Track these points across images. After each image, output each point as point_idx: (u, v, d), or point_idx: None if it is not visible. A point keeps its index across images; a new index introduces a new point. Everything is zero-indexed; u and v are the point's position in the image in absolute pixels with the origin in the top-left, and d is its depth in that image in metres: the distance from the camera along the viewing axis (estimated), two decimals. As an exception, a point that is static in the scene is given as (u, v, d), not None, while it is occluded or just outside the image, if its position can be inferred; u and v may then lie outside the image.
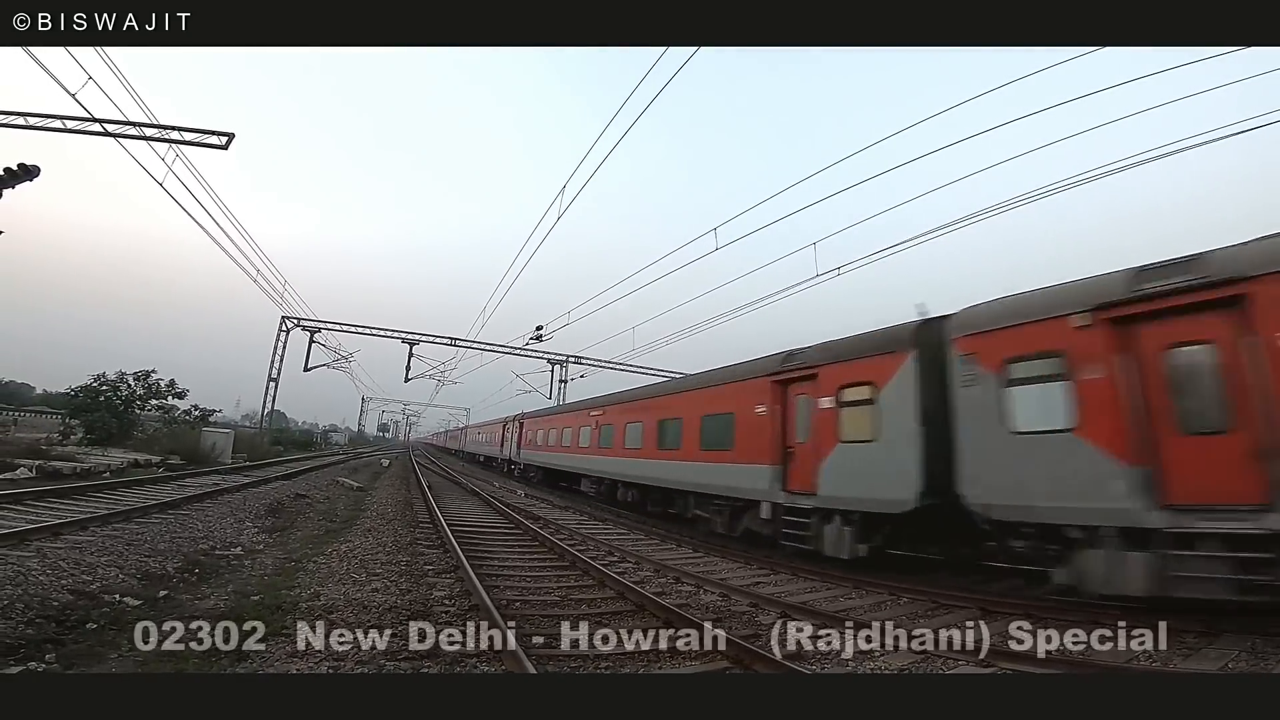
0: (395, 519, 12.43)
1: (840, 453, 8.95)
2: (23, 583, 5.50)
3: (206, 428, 28.32)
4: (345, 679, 3.67)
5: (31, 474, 13.69)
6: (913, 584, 7.76)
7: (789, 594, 7.64)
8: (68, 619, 5.10)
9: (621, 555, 9.86)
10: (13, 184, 11.79)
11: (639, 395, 16.99)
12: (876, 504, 8.30)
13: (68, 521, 8.31)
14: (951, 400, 7.52)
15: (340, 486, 19.65)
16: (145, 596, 6.03)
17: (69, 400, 24.77)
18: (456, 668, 4.43)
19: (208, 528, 9.79)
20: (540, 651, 4.84)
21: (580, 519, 14.80)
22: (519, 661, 4.32)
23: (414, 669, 4.26)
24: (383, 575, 7.25)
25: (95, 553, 7.06)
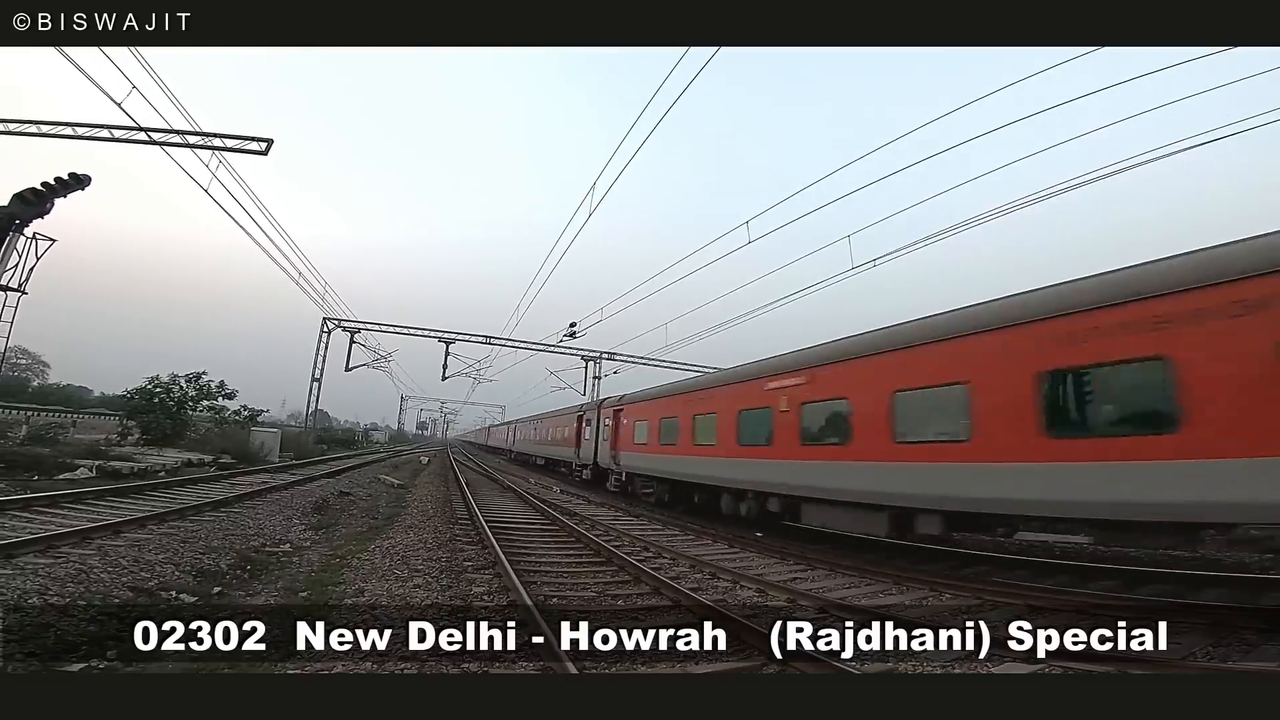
0: (435, 515, 12.69)
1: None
2: (85, 580, 5.78)
3: (255, 427, 29.35)
4: (349, 679, 3.61)
5: (92, 474, 14.36)
6: (956, 579, 7.61)
7: (827, 590, 7.56)
8: (128, 616, 5.34)
9: (657, 551, 9.88)
10: (65, 193, 12.32)
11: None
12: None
13: (127, 520, 8.69)
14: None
15: (382, 484, 20.14)
16: (200, 593, 6.28)
17: (125, 402, 25.91)
18: (496, 664, 4.46)
19: (258, 525, 10.14)
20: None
21: (615, 514, 14.88)
22: (559, 661, 4.32)
23: (452, 667, 4.28)
24: (424, 571, 7.40)
25: (153, 550, 7.36)
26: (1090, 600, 6.55)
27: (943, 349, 7.79)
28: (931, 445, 7.80)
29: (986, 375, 7.19)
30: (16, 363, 50.24)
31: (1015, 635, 4.87)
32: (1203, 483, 5.51)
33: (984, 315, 7.59)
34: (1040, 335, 6.75)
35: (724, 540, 11.31)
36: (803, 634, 5.04)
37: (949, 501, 7.51)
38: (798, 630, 5.07)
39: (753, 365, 12.94)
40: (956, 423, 7.46)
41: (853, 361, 9.44)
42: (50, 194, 12.09)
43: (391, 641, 4.27)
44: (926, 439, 7.88)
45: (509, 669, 4.44)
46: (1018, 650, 5.00)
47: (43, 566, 5.96)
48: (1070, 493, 6.36)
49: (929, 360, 7.91)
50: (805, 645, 4.90)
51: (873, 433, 8.69)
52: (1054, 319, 6.66)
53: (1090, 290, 6.56)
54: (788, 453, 10.77)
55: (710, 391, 14.40)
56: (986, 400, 7.14)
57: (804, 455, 10.38)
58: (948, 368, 7.64)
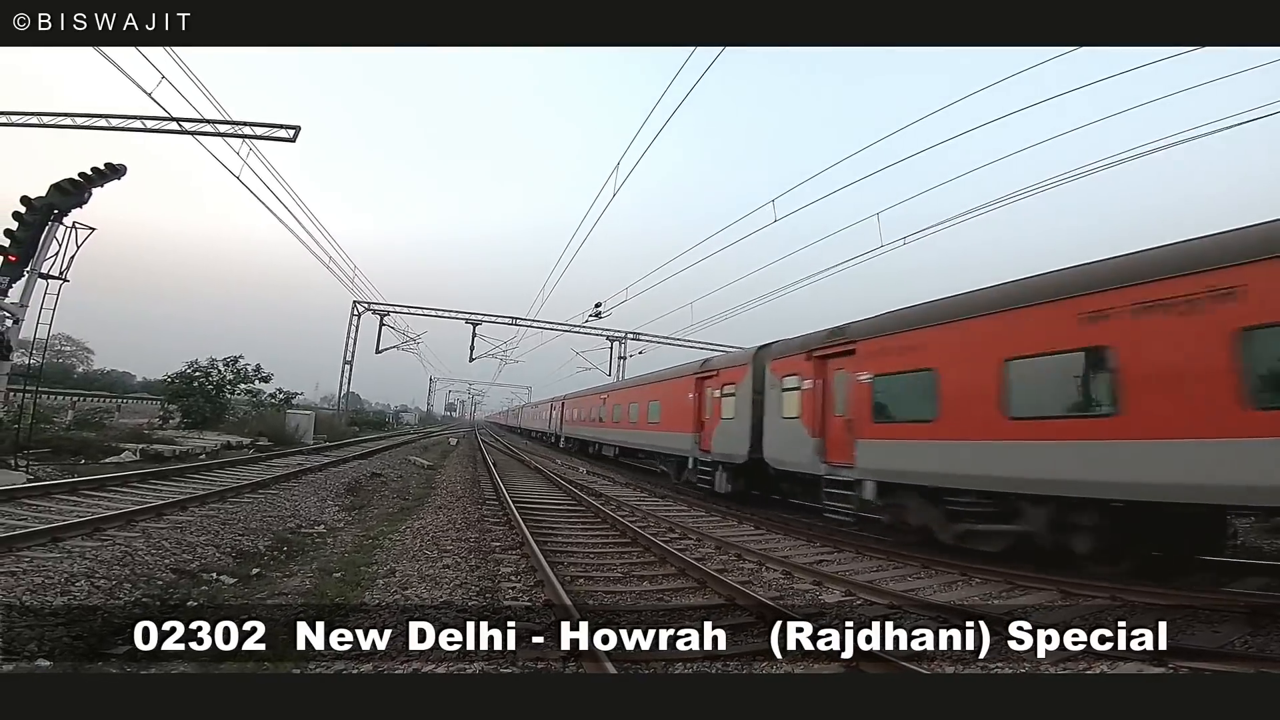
0: (464, 496, 12.89)
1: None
2: (130, 563, 5.99)
3: (290, 410, 30.09)
4: (350, 679, 3.48)
5: (136, 457, 14.87)
6: (986, 564, 7.47)
7: (854, 572, 7.50)
8: (171, 597, 5.54)
9: (682, 532, 9.91)
10: (102, 183, 12.63)
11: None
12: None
13: (169, 502, 8.99)
14: None
15: (412, 465, 20.53)
16: (239, 574, 6.48)
17: (166, 387, 26.74)
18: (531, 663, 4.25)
19: (294, 506, 10.43)
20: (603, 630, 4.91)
21: (641, 495, 14.96)
22: (597, 661, 4.09)
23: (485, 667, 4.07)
24: (453, 552, 7.52)
25: (194, 532, 7.61)
26: (1121, 587, 6.39)
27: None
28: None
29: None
30: (61, 350, 52.13)
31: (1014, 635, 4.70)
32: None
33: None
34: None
35: (750, 522, 11.29)
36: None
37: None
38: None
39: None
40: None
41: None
42: (88, 184, 12.40)
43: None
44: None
45: (536, 663, 4.43)
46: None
47: (89, 549, 6.19)
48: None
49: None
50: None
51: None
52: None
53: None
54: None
55: (577, 400, 19.11)
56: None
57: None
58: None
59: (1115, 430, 6.28)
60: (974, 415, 7.56)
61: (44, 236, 11.84)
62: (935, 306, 8.69)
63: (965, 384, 7.75)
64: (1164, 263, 6.15)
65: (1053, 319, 6.89)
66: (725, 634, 5.12)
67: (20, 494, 8.68)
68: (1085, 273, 6.89)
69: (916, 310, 8.99)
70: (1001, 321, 7.49)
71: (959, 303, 8.33)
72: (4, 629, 4.08)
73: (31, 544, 6.18)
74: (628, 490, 15.86)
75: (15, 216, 11.45)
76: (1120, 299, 6.31)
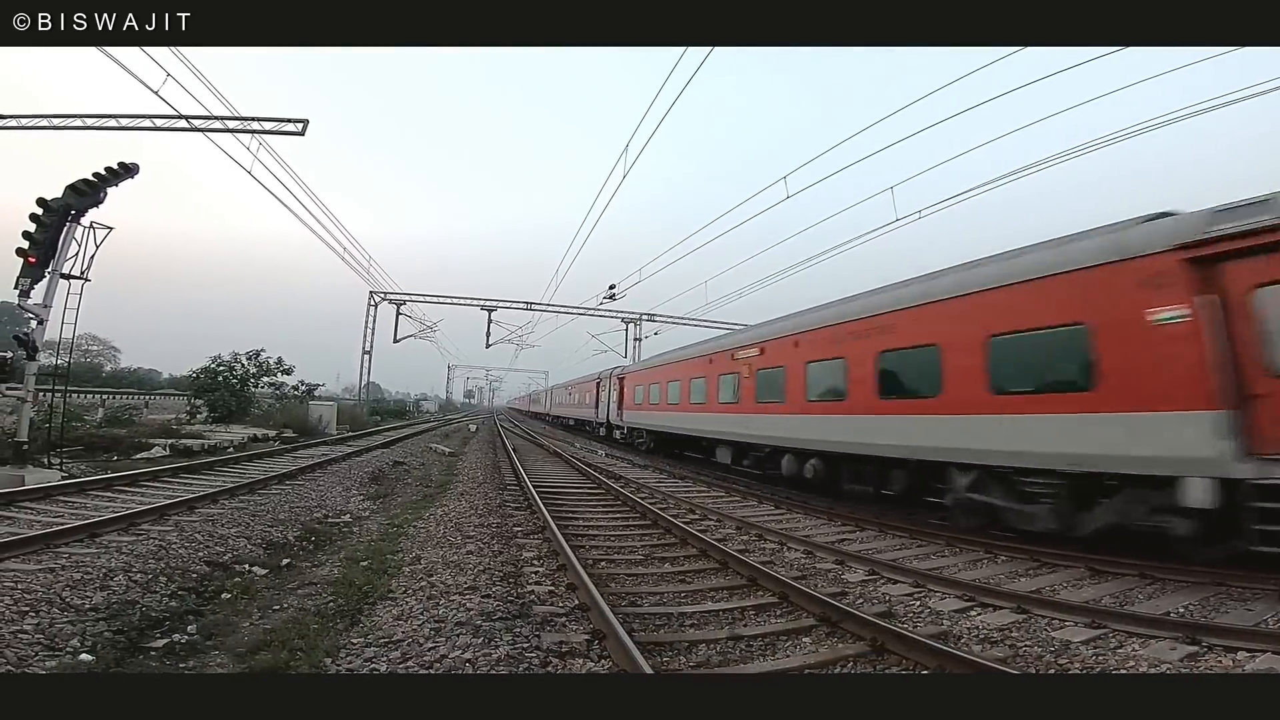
0: (485, 482, 13.03)
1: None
2: (165, 556, 6.12)
3: (313, 401, 30.52)
4: (351, 679, 3.54)
5: (166, 452, 15.19)
6: (1013, 542, 7.40)
7: (877, 551, 7.48)
8: (205, 589, 5.66)
9: (703, 513, 9.94)
10: (116, 182, 12.74)
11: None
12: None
13: (200, 496, 9.17)
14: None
15: (434, 453, 20.77)
16: (270, 565, 6.61)
17: (192, 382, 27.21)
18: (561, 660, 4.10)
19: (320, 497, 10.60)
20: (625, 611, 4.95)
21: (660, 477, 15.01)
22: (630, 658, 3.84)
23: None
24: (476, 538, 7.60)
25: (225, 524, 7.76)
26: (1151, 564, 6.30)
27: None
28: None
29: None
30: (89, 349, 53.23)
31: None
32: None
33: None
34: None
35: (770, 502, 11.31)
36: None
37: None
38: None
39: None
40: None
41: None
42: (102, 183, 12.52)
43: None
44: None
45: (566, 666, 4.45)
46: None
47: (125, 544, 6.33)
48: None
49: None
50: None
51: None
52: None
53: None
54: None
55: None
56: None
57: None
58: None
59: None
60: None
61: (63, 237, 12.00)
62: (646, 360, 17.20)
63: (785, 380, 12.66)
64: (863, 306, 10.63)
65: (826, 338, 11.34)
66: (748, 614, 5.18)
67: (55, 491, 8.91)
68: (837, 311, 11.38)
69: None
70: (807, 340, 12.04)
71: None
72: (47, 625, 4.20)
73: (70, 540, 6.34)
74: (647, 473, 15.93)
75: (33, 218, 11.60)
76: (845, 329, 10.80)
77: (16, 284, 11.50)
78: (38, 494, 8.60)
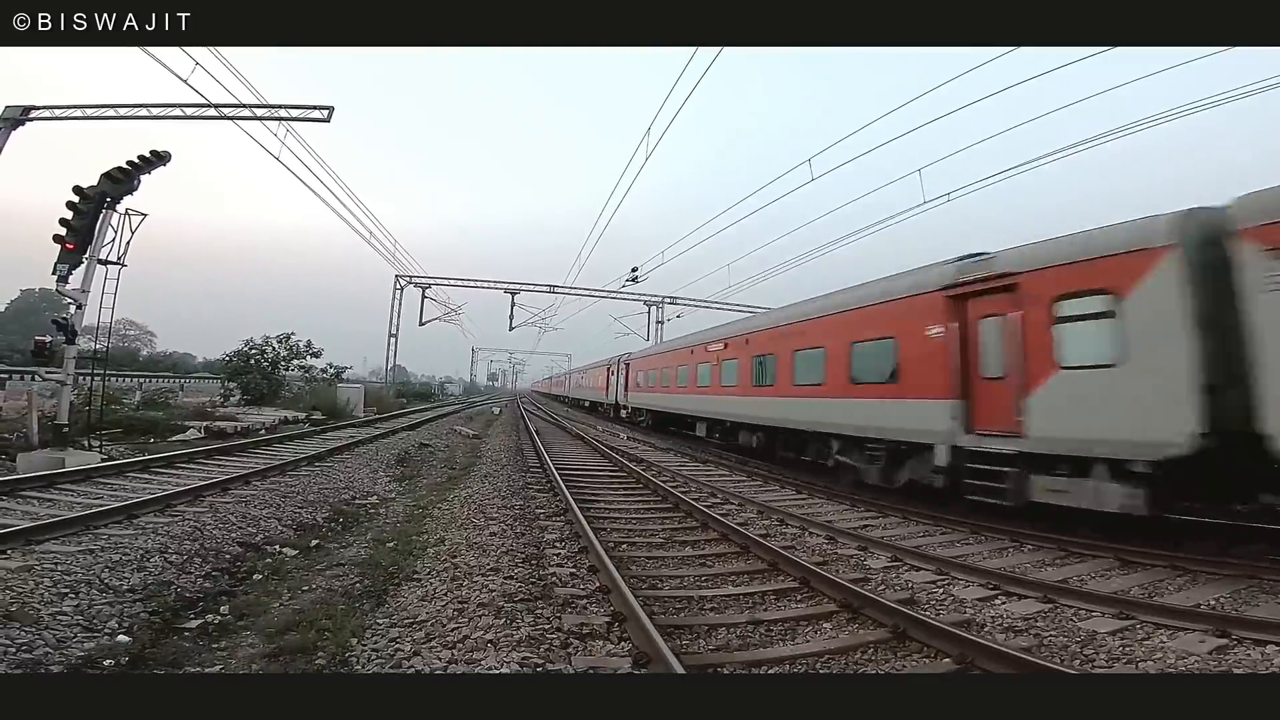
0: (508, 464, 13.17)
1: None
2: (199, 537, 6.30)
3: (341, 384, 31.09)
4: (352, 679, 3.51)
5: (200, 434, 15.60)
6: (1040, 530, 7.27)
7: (900, 538, 7.41)
8: (238, 570, 5.82)
9: (724, 497, 9.93)
10: (149, 170, 13.04)
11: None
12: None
13: (233, 477, 9.42)
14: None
15: (458, 435, 21.05)
16: (300, 546, 6.78)
17: (225, 365, 27.89)
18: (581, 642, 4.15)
19: (348, 478, 10.83)
20: (646, 594, 4.97)
21: (682, 461, 15.03)
22: (650, 641, 3.85)
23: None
24: (499, 519, 7.69)
25: (258, 506, 7.97)
26: (1182, 555, 6.16)
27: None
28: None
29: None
30: (126, 334, 54.75)
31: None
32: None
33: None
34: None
35: (791, 487, 11.27)
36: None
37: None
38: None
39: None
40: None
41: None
42: (136, 171, 12.82)
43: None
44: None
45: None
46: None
47: (161, 525, 6.53)
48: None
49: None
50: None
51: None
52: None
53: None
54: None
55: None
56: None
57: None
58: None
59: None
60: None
61: (99, 224, 12.30)
62: (648, 347, 25.08)
63: (739, 370, 15.69)
64: (787, 315, 13.72)
65: (768, 337, 14.23)
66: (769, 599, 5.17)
67: (95, 473, 9.21)
68: (775, 317, 14.56)
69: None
70: (755, 339, 15.04)
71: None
72: (86, 606, 4.34)
73: (108, 522, 6.55)
74: (668, 456, 15.96)
75: (70, 206, 11.91)
76: (778, 331, 13.76)
77: (55, 269, 11.84)
78: (78, 476, 8.90)
